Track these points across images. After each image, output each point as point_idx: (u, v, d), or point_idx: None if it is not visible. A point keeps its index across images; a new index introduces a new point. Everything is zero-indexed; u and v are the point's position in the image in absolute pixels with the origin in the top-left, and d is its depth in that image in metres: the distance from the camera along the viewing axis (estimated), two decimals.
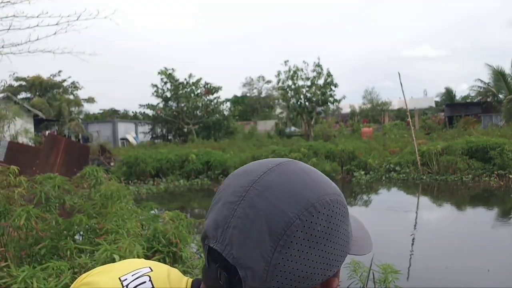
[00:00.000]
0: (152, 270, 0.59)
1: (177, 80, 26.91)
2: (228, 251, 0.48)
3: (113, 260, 2.42)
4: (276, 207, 0.48)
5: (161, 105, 26.89)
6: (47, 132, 23.83)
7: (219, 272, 0.49)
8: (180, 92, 26.74)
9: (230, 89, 73.99)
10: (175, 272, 0.61)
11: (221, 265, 0.49)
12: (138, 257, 2.61)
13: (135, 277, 0.57)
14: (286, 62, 26.07)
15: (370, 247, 0.61)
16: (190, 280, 0.60)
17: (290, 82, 25.78)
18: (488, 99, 25.19)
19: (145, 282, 0.57)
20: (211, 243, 0.50)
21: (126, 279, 0.57)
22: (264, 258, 0.46)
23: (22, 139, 17.16)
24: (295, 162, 0.55)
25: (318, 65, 25.46)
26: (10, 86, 30.40)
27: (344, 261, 0.52)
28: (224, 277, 0.49)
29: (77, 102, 33.30)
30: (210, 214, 0.53)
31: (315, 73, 25.57)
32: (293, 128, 31.57)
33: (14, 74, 30.70)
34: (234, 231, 0.48)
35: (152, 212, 4.65)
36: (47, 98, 30.49)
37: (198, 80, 27.37)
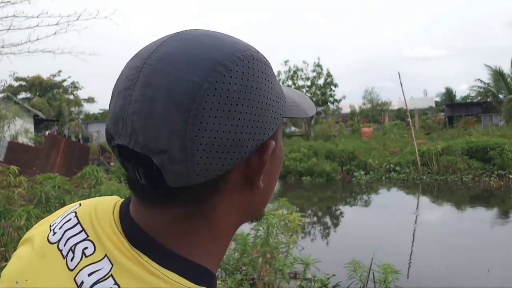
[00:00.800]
0: (80, 206, 0.52)
1: None
2: (134, 141, 0.40)
3: None
4: (177, 76, 0.39)
5: None
6: (47, 132, 23.83)
7: (136, 170, 0.41)
8: None
9: None
10: (106, 201, 0.51)
11: (136, 162, 0.41)
12: None
13: (62, 218, 0.51)
14: (286, 62, 26.08)
15: (312, 110, 0.56)
16: (120, 201, 0.51)
17: (290, 82, 25.78)
18: (488, 99, 25.18)
19: (70, 219, 0.50)
20: (117, 140, 0.41)
21: (55, 223, 0.51)
22: (176, 135, 0.39)
23: (22, 139, 17.16)
24: (195, 29, 0.46)
25: (318, 65, 25.46)
26: (10, 86, 30.40)
27: (278, 123, 0.46)
28: (142, 173, 0.41)
29: (77, 102, 33.32)
30: (109, 112, 0.44)
31: (315, 73, 25.58)
32: (293, 128, 31.58)
33: (14, 74, 30.72)
34: (134, 117, 0.40)
35: None
36: (47, 98, 30.51)
37: None
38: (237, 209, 0.47)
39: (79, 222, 0.49)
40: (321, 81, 25.49)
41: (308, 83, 25.63)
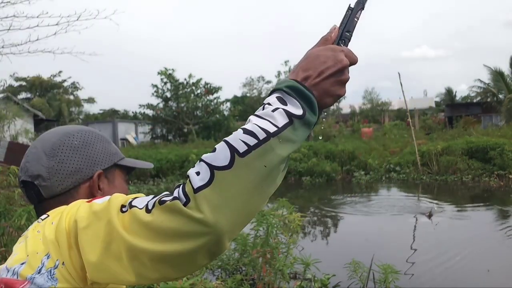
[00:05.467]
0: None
1: (177, 80, 26.87)
2: (25, 174, 0.81)
3: None
4: (46, 139, 0.84)
5: (161, 105, 26.85)
6: None
7: (31, 193, 0.82)
8: (180, 92, 26.69)
9: (230, 89, 74.06)
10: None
11: (27, 187, 0.82)
12: None
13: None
14: (286, 62, 26.10)
15: (147, 165, 1.01)
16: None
17: None
18: (488, 99, 25.18)
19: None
20: (21, 178, 0.83)
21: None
22: (44, 166, 0.80)
23: (22, 139, 17.16)
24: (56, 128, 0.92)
25: None
26: (10, 86, 30.39)
27: (109, 165, 0.88)
28: (33, 192, 0.81)
29: (77, 102, 33.29)
30: None
31: None
32: None
33: (14, 74, 30.71)
34: (26, 162, 0.82)
35: None
36: (47, 98, 30.49)
37: (198, 80, 27.33)
38: None
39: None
40: None
41: None
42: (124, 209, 0.62)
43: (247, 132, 0.60)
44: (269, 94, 0.68)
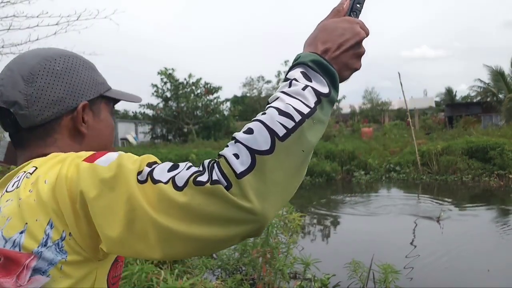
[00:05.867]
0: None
1: (177, 80, 26.86)
2: (0, 100, 0.71)
3: None
4: (23, 63, 0.73)
5: (161, 105, 26.84)
6: None
7: (5, 120, 0.74)
8: (180, 92, 26.68)
9: (230, 89, 74.01)
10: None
11: (4, 116, 0.73)
12: None
13: None
14: (286, 62, 26.10)
15: (136, 98, 0.90)
16: None
17: None
18: (488, 99, 25.17)
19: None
20: None
21: None
22: (21, 93, 0.71)
23: None
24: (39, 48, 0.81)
25: None
26: None
27: (95, 95, 0.79)
28: (7, 121, 0.73)
29: None
30: None
31: None
32: None
33: None
34: (1, 87, 0.72)
35: None
36: None
37: (198, 80, 27.31)
38: (76, 145, 0.76)
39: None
40: None
41: None
42: (141, 179, 0.57)
43: (282, 113, 0.57)
44: (291, 68, 0.66)
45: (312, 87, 0.61)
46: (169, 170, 0.58)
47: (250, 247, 3.76)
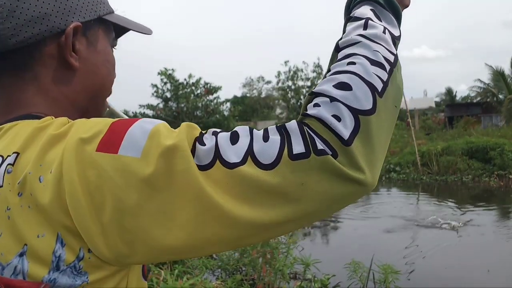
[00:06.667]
0: None
1: (177, 81, 26.88)
2: None
3: None
4: None
5: (161, 105, 26.86)
6: None
7: None
8: (180, 92, 26.72)
9: (230, 89, 73.99)
10: None
11: None
12: None
13: None
14: (286, 62, 26.17)
15: (146, 29, 0.67)
16: None
17: (290, 83, 25.83)
18: (488, 99, 25.19)
19: None
20: None
21: None
22: None
23: None
24: None
25: (318, 66, 25.55)
26: None
27: (91, 15, 0.57)
28: None
29: None
30: None
31: (315, 74, 25.63)
32: None
33: None
34: None
35: None
36: None
37: (198, 80, 27.33)
38: (64, 83, 0.56)
39: None
40: None
41: (308, 83, 25.69)
42: (201, 163, 0.43)
43: (375, 63, 0.49)
44: (354, 4, 0.57)
45: (387, 29, 0.53)
46: (233, 143, 0.45)
47: (250, 247, 3.76)
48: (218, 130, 0.48)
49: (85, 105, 0.59)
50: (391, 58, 0.51)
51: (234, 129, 0.47)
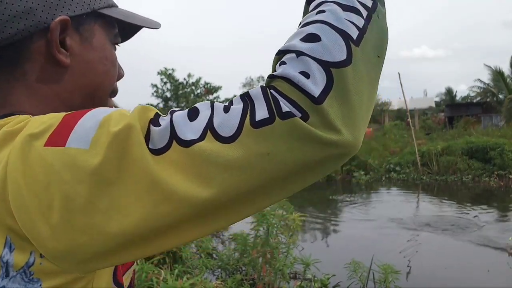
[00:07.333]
0: None
1: (177, 80, 26.90)
2: None
3: None
4: None
5: (161, 105, 26.87)
6: None
7: None
8: (180, 92, 26.73)
9: (230, 89, 73.98)
10: None
11: None
12: None
13: None
14: None
15: (153, 24, 0.63)
16: None
17: None
18: (488, 99, 25.19)
19: None
20: None
21: None
22: None
23: None
24: None
25: None
26: None
27: (83, 10, 0.54)
28: None
29: None
30: None
31: None
32: None
33: None
34: None
35: None
36: None
37: (198, 80, 27.35)
38: (54, 81, 0.53)
39: None
40: None
41: None
42: (155, 146, 0.39)
43: (348, 8, 0.44)
44: None
45: None
46: (192, 119, 0.41)
47: (250, 247, 3.76)
48: (177, 108, 0.44)
49: (81, 104, 0.54)
50: (369, 2, 0.45)
51: (194, 105, 0.43)
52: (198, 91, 27.59)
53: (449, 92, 33.20)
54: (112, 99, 0.62)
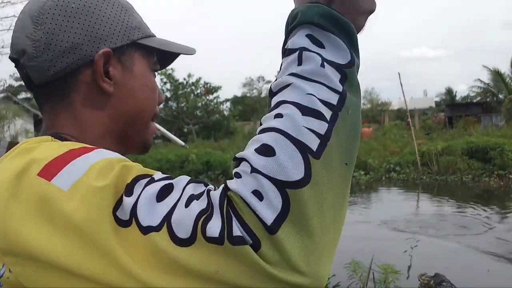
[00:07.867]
0: None
1: (176, 80, 26.92)
2: (12, 48, 0.57)
3: None
4: (34, 2, 0.56)
5: (161, 105, 26.93)
6: None
7: (22, 76, 0.58)
8: (180, 92, 26.74)
9: (230, 89, 73.99)
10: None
11: (17, 67, 0.57)
12: None
13: None
14: None
15: (189, 50, 0.69)
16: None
17: None
18: (488, 99, 25.20)
19: None
20: (10, 54, 0.58)
21: None
22: (29, 38, 0.54)
23: (22, 139, 17.14)
24: None
25: None
26: (10, 86, 30.37)
27: (123, 41, 0.58)
28: (21, 75, 0.57)
29: None
30: None
31: None
32: None
33: (14, 74, 30.69)
34: (13, 32, 0.57)
35: None
36: None
37: (198, 80, 27.37)
38: (98, 108, 0.57)
39: None
40: None
41: None
42: (122, 217, 0.38)
43: (308, 112, 0.38)
44: (290, 31, 0.46)
45: (329, 61, 0.41)
46: (159, 199, 0.39)
47: None
48: (161, 176, 0.42)
49: (124, 129, 0.60)
50: (334, 99, 0.40)
51: (177, 178, 0.42)
52: (198, 91, 27.61)
53: (449, 92, 33.24)
54: (155, 123, 0.68)
